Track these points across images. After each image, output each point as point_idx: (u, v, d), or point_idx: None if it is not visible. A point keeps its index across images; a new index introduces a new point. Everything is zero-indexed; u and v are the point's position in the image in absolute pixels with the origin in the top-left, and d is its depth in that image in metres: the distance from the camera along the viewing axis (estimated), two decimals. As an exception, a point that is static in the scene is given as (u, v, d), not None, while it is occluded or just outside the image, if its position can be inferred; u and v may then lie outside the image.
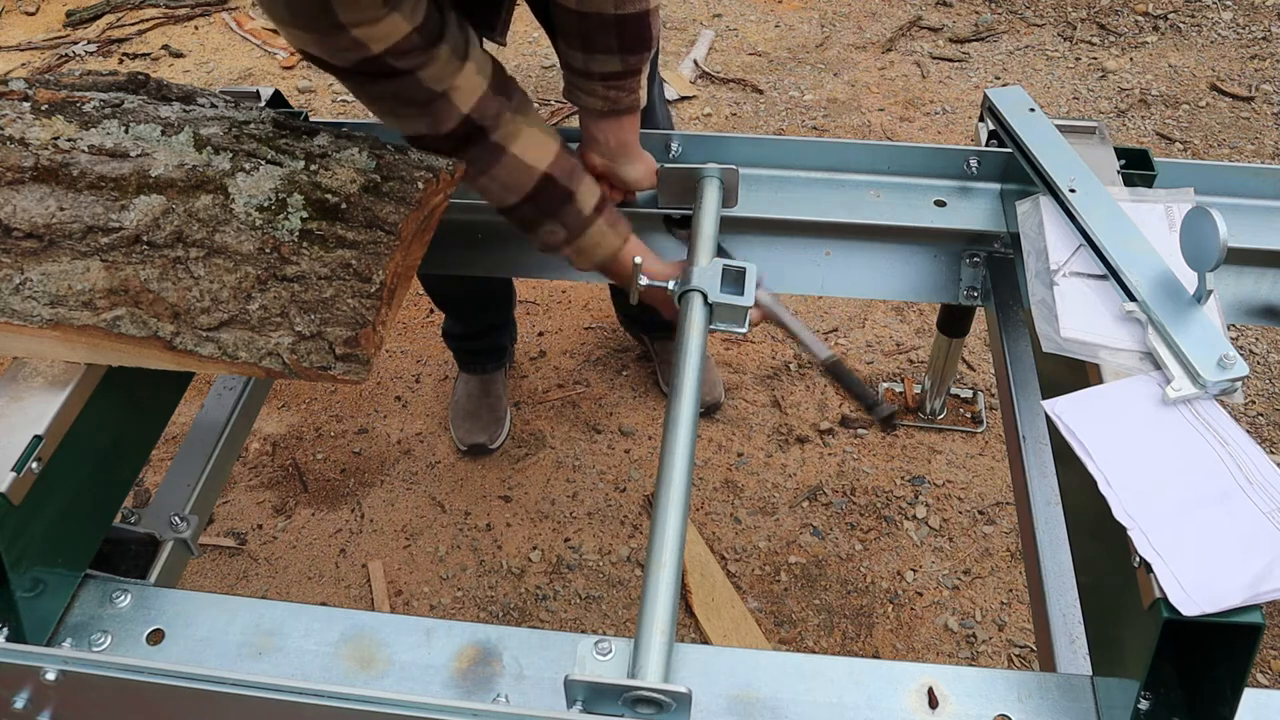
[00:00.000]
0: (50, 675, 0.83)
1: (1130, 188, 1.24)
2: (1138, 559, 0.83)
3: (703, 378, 1.26)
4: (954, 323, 1.91)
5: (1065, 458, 1.00)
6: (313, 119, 1.39)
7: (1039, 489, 1.13)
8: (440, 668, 0.95)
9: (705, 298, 1.21)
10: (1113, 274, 1.08)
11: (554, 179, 1.22)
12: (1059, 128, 1.32)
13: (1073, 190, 1.19)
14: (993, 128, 1.42)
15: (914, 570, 1.92)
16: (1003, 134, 1.38)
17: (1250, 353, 2.32)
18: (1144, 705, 0.84)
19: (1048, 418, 0.98)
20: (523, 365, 2.37)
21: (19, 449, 0.94)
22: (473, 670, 0.95)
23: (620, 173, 1.35)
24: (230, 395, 1.39)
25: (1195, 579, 0.79)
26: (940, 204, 1.40)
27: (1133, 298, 1.05)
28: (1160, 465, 0.90)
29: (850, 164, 1.45)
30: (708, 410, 2.21)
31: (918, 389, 2.23)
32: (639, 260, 1.26)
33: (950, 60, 3.37)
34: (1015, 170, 1.35)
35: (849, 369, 1.34)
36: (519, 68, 3.44)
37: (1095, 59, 3.33)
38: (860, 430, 2.17)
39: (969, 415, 2.21)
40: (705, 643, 1.81)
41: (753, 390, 2.28)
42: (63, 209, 1.02)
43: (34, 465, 0.94)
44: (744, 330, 1.24)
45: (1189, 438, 0.92)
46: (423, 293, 2.22)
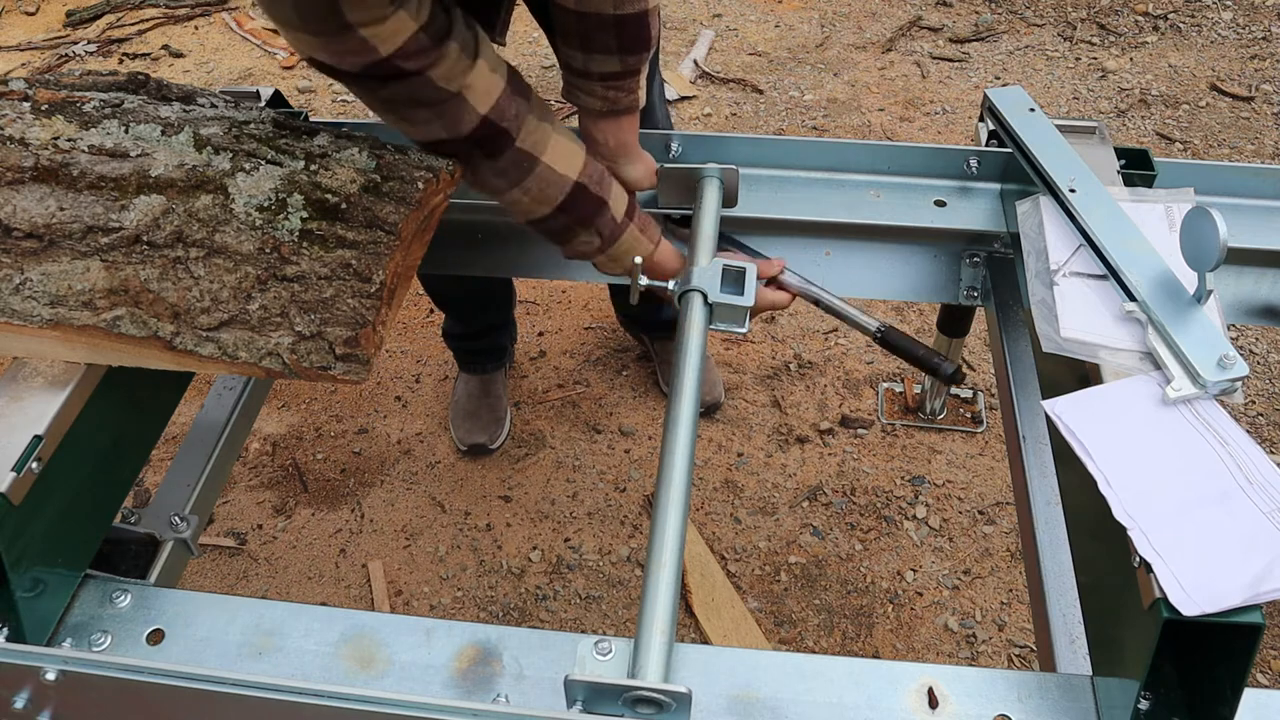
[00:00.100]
0: (50, 675, 0.83)
1: (1130, 188, 1.24)
2: (1138, 559, 0.83)
3: (703, 378, 1.26)
4: (954, 323, 1.91)
5: (1065, 458, 1.00)
6: (313, 119, 1.39)
7: (1039, 489, 1.13)
8: (440, 668, 0.95)
9: (705, 298, 1.21)
10: (1113, 274, 1.08)
11: (586, 188, 1.18)
12: (1059, 128, 1.32)
13: (1073, 190, 1.19)
14: (993, 128, 1.42)
15: (914, 570, 1.92)
16: (1003, 134, 1.38)
17: (1250, 353, 2.32)
18: (1144, 705, 0.84)
19: (1048, 418, 0.98)
20: (523, 365, 2.37)
21: (19, 449, 0.94)
22: (473, 670, 0.95)
23: (620, 173, 1.35)
24: (230, 395, 1.39)
25: (1195, 579, 0.79)
26: (940, 204, 1.40)
27: (1133, 298, 1.05)
28: (1160, 465, 0.90)
29: (850, 164, 1.45)
30: (708, 410, 2.21)
31: (918, 389, 2.23)
32: (639, 260, 1.26)
33: (950, 60, 3.37)
34: (1015, 170, 1.35)
35: (902, 334, 1.32)
36: (519, 68, 3.44)
37: (1095, 59, 3.33)
38: (860, 430, 2.17)
39: (969, 415, 2.21)
40: (705, 643, 1.81)
41: (753, 390, 2.28)
42: (63, 209, 1.02)
43: (34, 465, 0.94)
44: (744, 330, 1.24)
45: (1189, 438, 0.92)
46: (423, 293, 2.22)
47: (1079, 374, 1.04)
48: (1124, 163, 1.32)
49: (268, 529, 2.05)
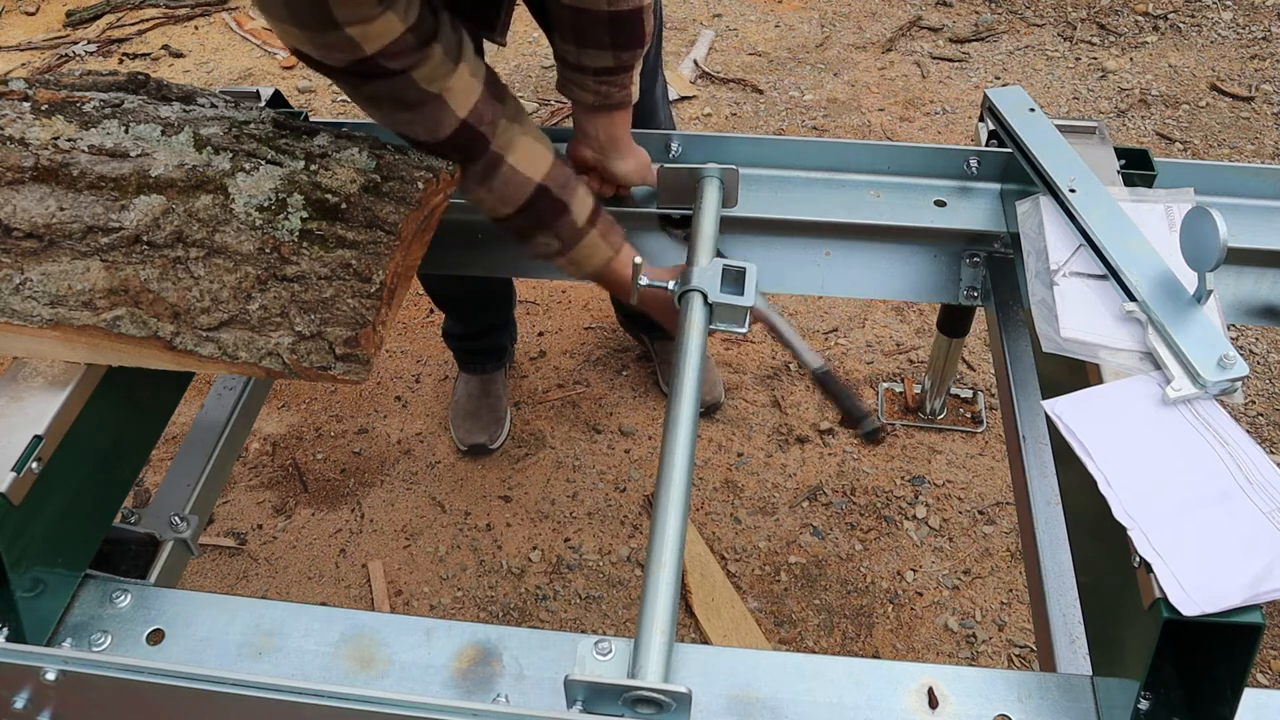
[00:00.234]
0: (50, 675, 0.83)
1: (1130, 188, 1.24)
2: (1138, 559, 0.83)
3: (703, 378, 1.26)
4: (954, 323, 1.91)
5: (1065, 458, 1.00)
6: (313, 119, 1.39)
7: (1039, 489, 1.13)
8: (440, 668, 0.95)
9: (705, 298, 1.21)
10: (1113, 274, 1.08)
11: (549, 191, 1.21)
12: (1059, 128, 1.32)
13: (1073, 190, 1.19)
14: (993, 128, 1.42)
15: (914, 570, 1.92)
16: (1003, 134, 1.38)
17: (1250, 353, 2.32)
18: (1144, 705, 0.84)
19: (1048, 418, 0.98)
20: (523, 365, 2.37)
21: (19, 449, 0.94)
22: (473, 670, 0.95)
23: (611, 167, 1.35)
24: (230, 395, 1.39)
25: (1195, 579, 0.79)
26: (940, 204, 1.40)
27: (1133, 298, 1.05)
28: (1160, 465, 0.90)
29: (850, 164, 1.45)
30: (708, 410, 2.21)
31: (918, 389, 2.23)
32: (639, 260, 1.26)
33: (950, 60, 3.37)
34: (1015, 170, 1.35)
35: (838, 380, 1.34)
36: (519, 68, 3.44)
37: (1095, 59, 3.33)
38: (860, 430, 2.18)
39: (969, 415, 2.21)
40: (705, 643, 1.81)
41: (753, 390, 2.28)
42: (63, 209, 1.02)
43: (34, 465, 0.94)
44: (744, 330, 1.24)
45: (1189, 438, 0.92)
46: (423, 293, 2.22)
47: (1079, 374, 1.04)
48: (1124, 163, 1.32)
49: (268, 529, 2.05)
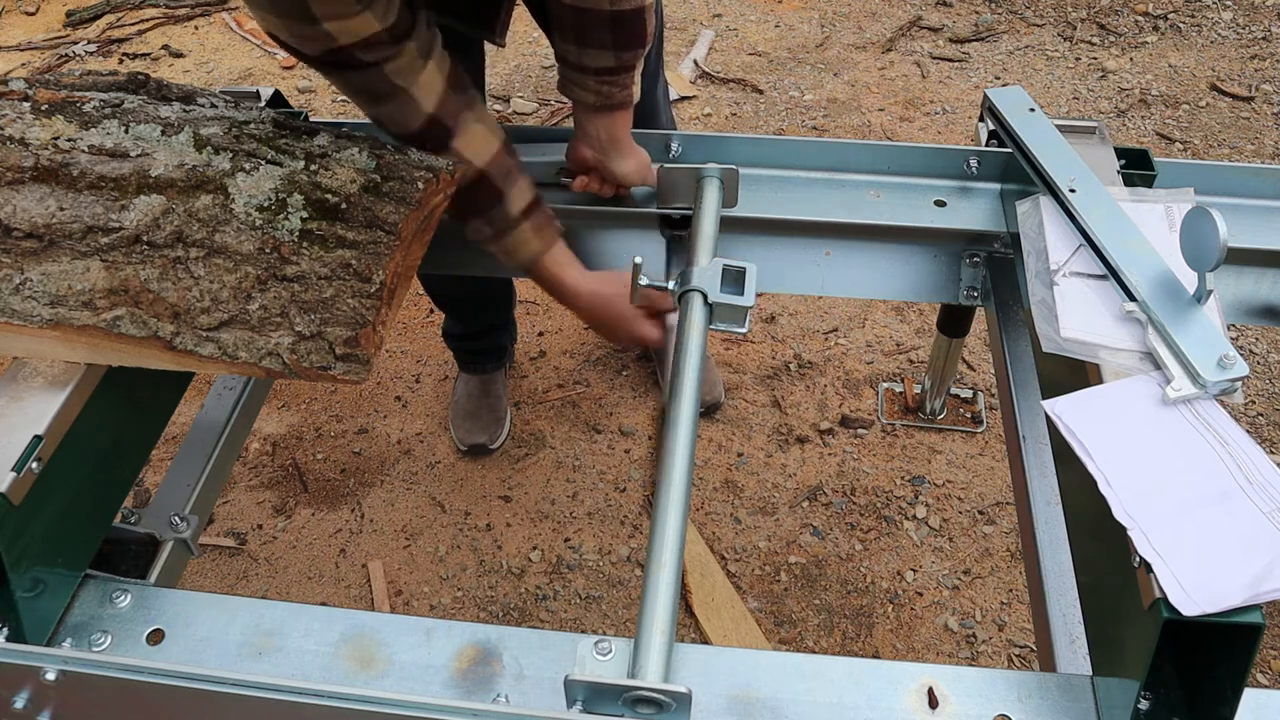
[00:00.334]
0: (50, 675, 0.83)
1: (1130, 188, 1.24)
2: (1138, 559, 0.83)
3: (703, 378, 1.26)
4: (954, 323, 1.91)
5: (1065, 458, 1.00)
6: (313, 119, 1.39)
7: (1039, 489, 1.13)
8: (440, 668, 0.95)
9: (705, 298, 1.21)
10: (1113, 274, 1.08)
11: (488, 177, 1.24)
12: (1059, 128, 1.32)
13: (1073, 190, 1.19)
14: (993, 128, 1.42)
15: (914, 570, 1.92)
16: (1003, 134, 1.38)
17: (1250, 353, 2.32)
18: (1144, 705, 0.84)
19: (1048, 418, 0.98)
20: (523, 365, 2.37)
21: (19, 449, 0.94)
22: (473, 670, 0.95)
23: (611, 167, 1.35)
24: (230, 395, 1.39)
25: (1195, 579, 0.79)
26: (940, 204, 1.40)
27: (1133, 298, 1.05)
28: (1160, 465, 0.90)
29: (850, 164, 1.45)
30: (708, 410, 2.21)
31: (918, 389, 2.23)
32: (639, 260, 1.26)
33: (950, 60, 3.37)
34: (1015, 170, 1.35)
35: None
36: (519, 68, 3.44)
37: (1095, 59, 3.33)
38: (860, 430, 2.17)
39: (969, 415, 2.21)
40: (705, 643, 1.81)
41: (753, 390, 2.28)
42: (63, 209, 1.02)
43: (34, 465, 0.94)
44: (744, 330, 1.24)
45: (1189, 438, 0.92)
46: (423, 293, 2.22)
47: (1079, 374, 1.04)
48: (1124, 163, 1.32)
49: (268, 529, 2.05)
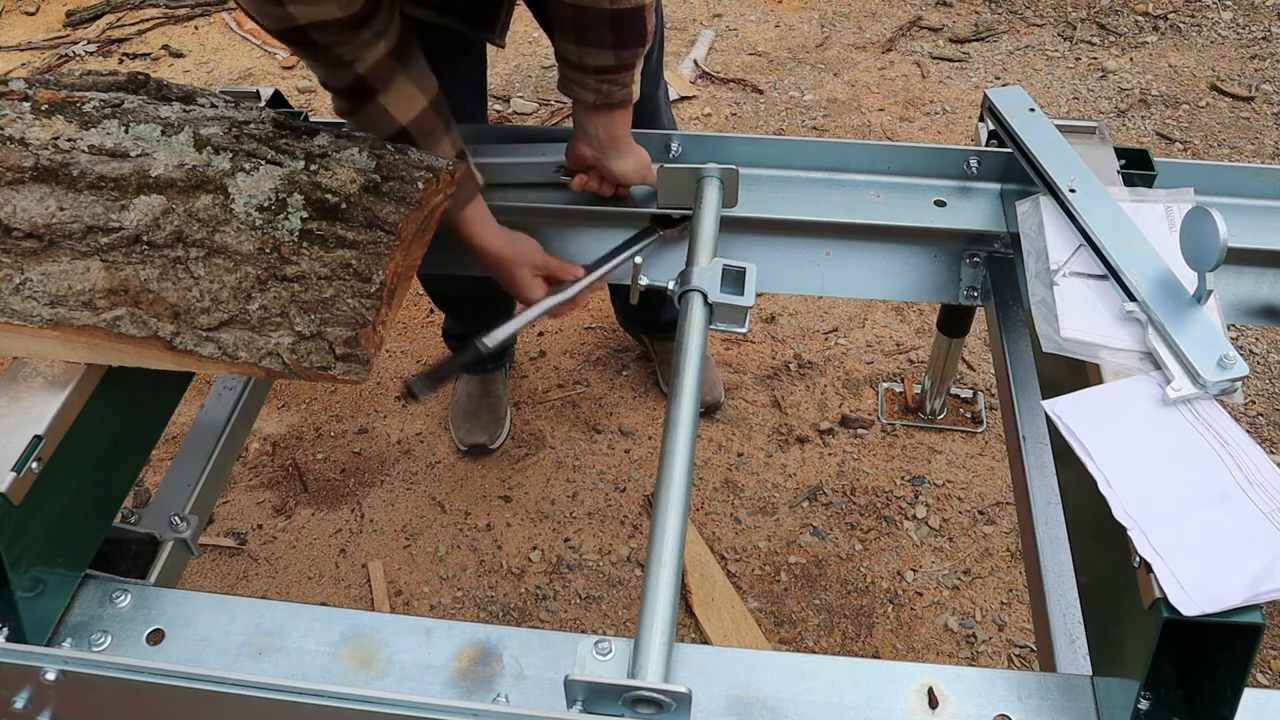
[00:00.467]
0: (50, 675, 0.83)
1: (1130, 188, 1.24)
2: (1138, 559, 0.83)
3: (703, 378, 1.26)
4: (954, 323, 1.91)
5: (1065, 458, 1.00)
6: (313, 119, 1.39)
7: (1039, 489, 1.13)
8: (440, 668, 0.95)
9: (705, 298, 1.21)
10: (1113, 274, 1.08)
11: (409, 136, 1.24)
12: (1059, 128, 1.32)
13: (1073, 190, 1.19)
14: (993, 128, 1.42)
15: (914, 570, 1.92)
16: (1003, 134, 1.38)
17: (1250, 353, 2.32)
18: (1144, 705, 0.84)
19: (1048, 418, 0.98)
20: (523, 365, 2.37)
21: (19, 449, 0.94)
22: (473, 670, 0.95)
23: (610, 166, 1.35)
24: (230, 395, 1.39)
25: (1195, 579, 0.79)
26: (940, 204, 1.40)
27: (1133, 298, 1.05)
28: (1160, 465, 0.90)
29: (850, 164, 1.45)
30: (708, 410, 2.21)
31: (918, 389, 2.23)
32: (639, 260, 1.26)
33: (950, 60, 3.37)
34: (1015, 170, 1.35)
35: (454, 363, 1.38)
36: (519, 68, 3.44)
37: (1095, 59, 3.33)
38: (860, 430, 2.17)
39: (969, 415, 2.21)
40: (705, 643, 1.81)
41: (753, 390, 2.28)
42: (63, 209, 1.02)
43: (34, 465, 0.94)
44: (744, 330, 1.24)
45: (1189, 438, 0.92)
46: (423, 293, 2.22)
47: (1079, 374, 1.04)
48: (1124, 163, 1.32)
49: (268, 529, 2.05)
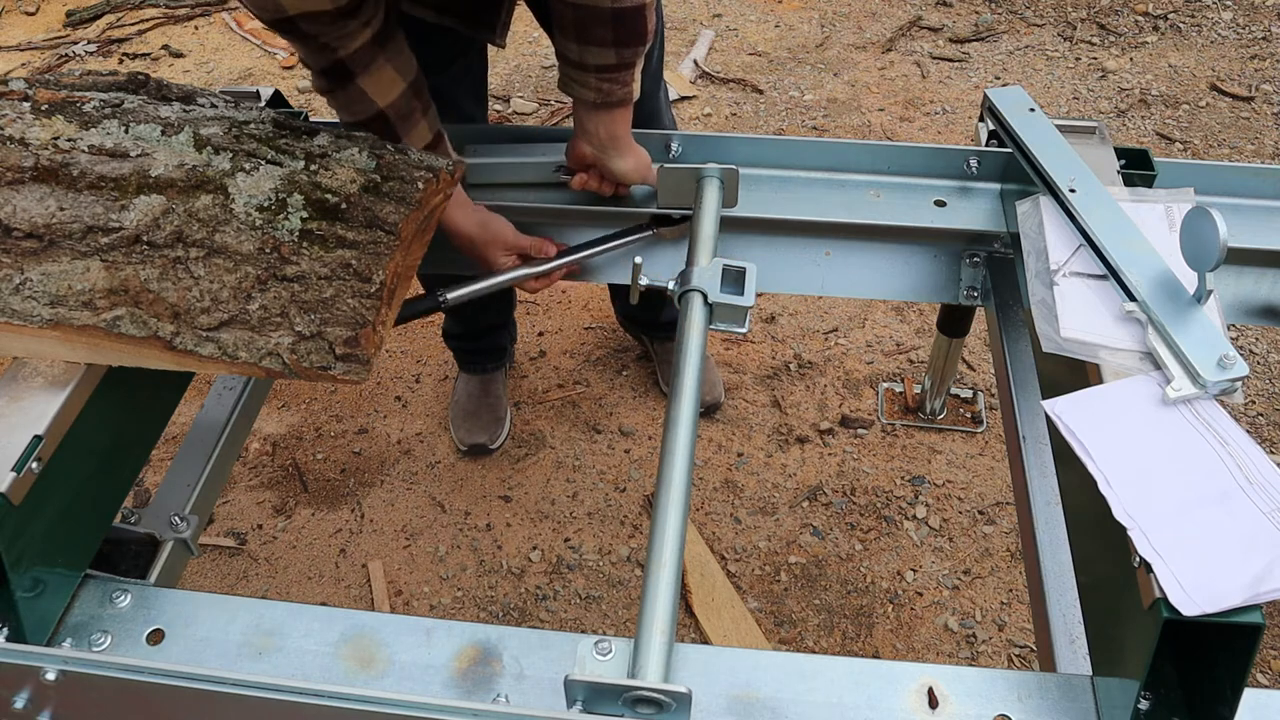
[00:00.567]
0: (50, 675, 0.83)
1: (1130, 188, 1.24)
2: (1138, 559, 0.83)
3: (703, 378, 1.26)
4: (954, 323, 1.91)
5: (1065, 458, 1.00)
6: (313, 119, 1.39)
7: (1039, 489, 1.13)
8: (440, 668, 0.95)
9: (705, 298, 1.21)
10: (1113, 274, 1.08)
11: (387, 119, 1.25)
12: (1059, 128, 1.32)
13: (1073, 190, 1.19)
14: (993, 128, 1.42)
15: (914, 570, 1.92)
16: (1003, 134, 1.38)
17: (1250, 353, 2.32)
18: (1144, 705, 0.84)
19: (1048, 418, 0.98)
20: (523, 365, 2.37)
21: (19, 449, 0.94)
22: (473, 670, 0.95)
23: (610, 165, 1.35)
24: (230, 395, 1.39)
25: (1195, 579, 0.79)
26: (940, 204, 1.40)
27: (1133, 298, 1.05)
28: (1160, 465, 0.90)
29: (850, 164, 1.45)
30: (708, 410, 2.21)
31: (918, 389, 2.23)
32: (639, 260, 1.26)
33: (950, 60, 3.37)
34: (1015, 170, 1.35)
35: (424, 309, 1.41)
36: (519, 68, 3.44)
37: (1095, 59, 3.33)
38: (860, 430, 2.17)
39: (969, 415, 2.21)
40: (705, 643, 1.81)
41: (753, 390, 2.28)
42: (63, 209, 1.02)
43: (34, 465, 0.94)
44: (744, 330, 1.24)
45: (1189, 438, 0.92)
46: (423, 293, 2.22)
47: (1079, 374, 1.04)
48: (1124, 163, 1.32)
49: (268, 529, 2.05)
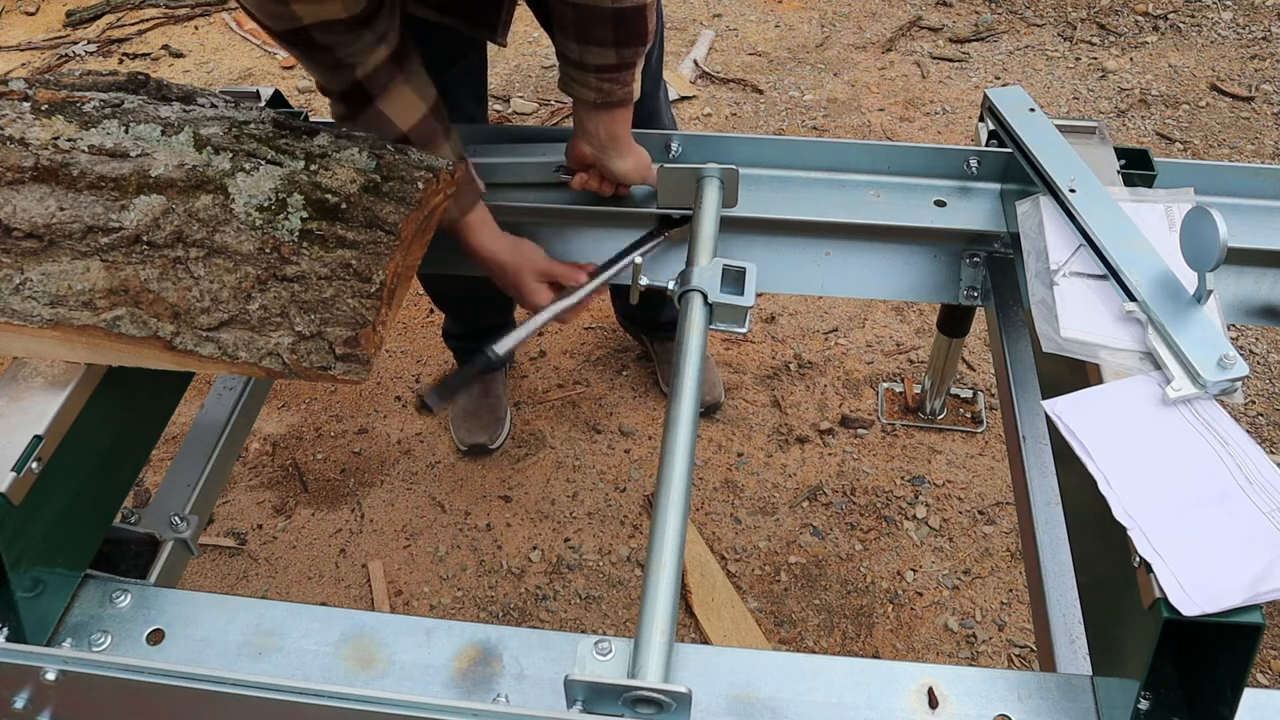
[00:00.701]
0: (50, 675, 0.83)
1: (1130, 188, 1.24)
2: (1138, 559, 0.83)
3: (703, 378, 1.26)
4: (954, 323, 1.91)
5: (1065, 458, 1.00)
6: (313, 119, 1.39)
7: (1039, 489, 1.13)
8: (440, 668, 0.95)
9: (705, 298, 1.21)
10: (1113, 274, 1.08)
11: (409, 141, 1.25)
12: (1059, 128, 1.32)
13: (1073, 190, 1.19)
14: (993, 128, 1.42)
15: (914, 570, 1.92)
16: (1003, 134, 1.38)
17: (1250, 353, 2.32)
18: (1144, 705, 0.84)
19: (1048, 418, 0.98)
20: (523, 365, 2.37)
21: (19, 449, 0.94)
22: (473, 670, 0.95)
23: (610, 165, 1.35)
24: (230, 395, 1.39)
25: (1195, 579, 0.79)
26: (940, 204, 1.40)
27: (1133, 298, 1.05)
28: (1160, 465, 0.90)
29: (850, 164, 1.45)
30: (708, 410, 2.21)
31: (918, 389, 2.23)
32: (639, 261, 1.26)
33: (950, 60, 3.37)
34: (1015, 170, 1.35)
35: (467, 377, 1.38)
36: (519, 68, 3.44)
37: (1095, 59, 3.33)
38: (860, 430, 2.17)
39: (969, 415, 2.21)
40: (705, 643, 1.81)
41: (753, 390, 2.28)
42: (63, 209, 1.02)
43: (34, 465, 0.94)
44: (744, 330, 1.24)
45: (1189, 438, 0.92)
46: (423, 293, 2.22)
47: (1079, 374, 1.04)
48: (1124, 163, 1.32)
49: (268, 529, 2.05)
